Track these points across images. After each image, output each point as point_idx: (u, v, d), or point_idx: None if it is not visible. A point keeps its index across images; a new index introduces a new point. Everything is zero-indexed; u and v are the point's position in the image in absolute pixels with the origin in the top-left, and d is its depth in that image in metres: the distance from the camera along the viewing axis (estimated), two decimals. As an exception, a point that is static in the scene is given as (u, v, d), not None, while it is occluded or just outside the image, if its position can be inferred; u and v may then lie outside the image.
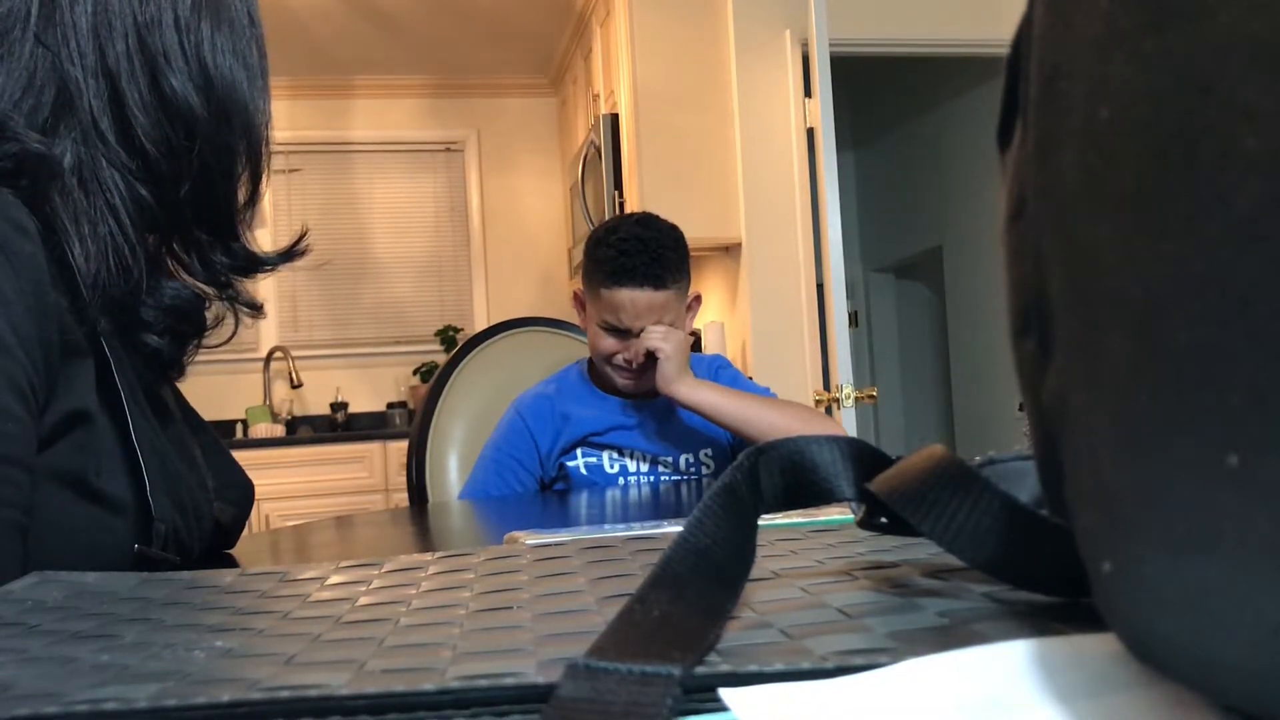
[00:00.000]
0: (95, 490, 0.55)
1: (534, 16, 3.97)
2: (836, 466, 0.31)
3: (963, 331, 4.36)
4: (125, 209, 0.60)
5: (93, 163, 0.60)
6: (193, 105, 0.63)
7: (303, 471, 3.74)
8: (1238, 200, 0.16)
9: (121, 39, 0.61)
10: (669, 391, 1.40)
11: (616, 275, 1.40)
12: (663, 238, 1.43)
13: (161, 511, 0.59)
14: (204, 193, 0.65)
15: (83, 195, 0.59)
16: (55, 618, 0.34)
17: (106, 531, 0.56)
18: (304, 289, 4.43)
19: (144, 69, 0.62)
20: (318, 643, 0.29)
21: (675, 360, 1.40)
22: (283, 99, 4.42)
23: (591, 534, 0.56)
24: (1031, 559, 0.28)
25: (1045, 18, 0.21)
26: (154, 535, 0.58)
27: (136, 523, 0.58)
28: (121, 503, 0.57)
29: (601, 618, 0.29)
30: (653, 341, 1.40)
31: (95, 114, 0.60)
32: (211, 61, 0.65)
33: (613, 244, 1.41)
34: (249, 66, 0.69)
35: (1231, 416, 0.16)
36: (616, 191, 3.27)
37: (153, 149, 0.62)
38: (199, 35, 0.65)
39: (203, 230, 0.67)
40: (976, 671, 0.22)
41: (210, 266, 0.68)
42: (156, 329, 0.63)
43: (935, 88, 4.29)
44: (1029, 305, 0.23)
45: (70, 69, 0.59)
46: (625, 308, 1.40)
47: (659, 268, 1.40)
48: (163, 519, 0.59)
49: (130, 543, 0.57)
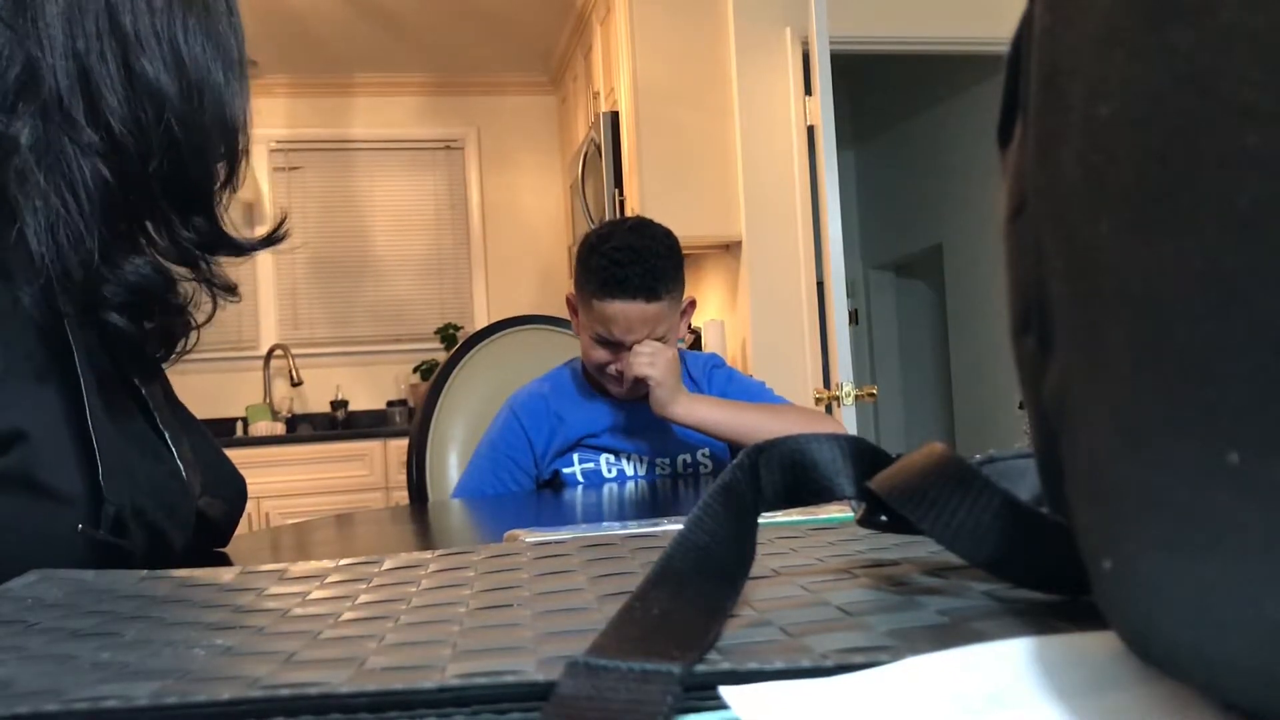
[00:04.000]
0: (39, 485, 0.55)
1: (534, 14, 3.97)
2: (836, 464, 0.31)
3: (963, 329, 4.36)
4: (84, 185, 0.60)
5: (54, 141, 0.59)
6: (163, 85, 0.63)
7: (303, 469, 3.75)
8: (1238, 198, 0.16)
9: (92, 20, 0.61)
10: (664, 415, 1.38)
11: (609, 287, 1.37)
12: (657, 246, 1.39)
13: (113, 495, 0.58)
14: (173, 170, 0.65)
15: (39, 171, 0.58)
16: (55, 615, 0.34)
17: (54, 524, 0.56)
18: (304, 287, 4.43)
19: (114, 50, 0.62)
20: (318, 640, 0.29)
21: (666, 384, 1.37)
22: (282, 97, 4.42)
23: (591, 532, 0.56)
24: (1032, 557, 0.28)
25: (1045, 16, 0.21)
26: (103, 518, 0.57)
27: (89, 511, 0.58)
28: (70, 494, 0.57)
29: (601, 615, 0.29)
30: (641, 369, 1.36)
31: (62, 93, 0.60)
32: (184, 44, 0.65)
33: (606, 253, 1.38)
34: (224, 51, 0.69)
35: (1232, 414, 0.16)
36: (617, 189, 3.27)
37: (120, 127, 0.62)
38: (171, 17, 0.65)
39: (172, 209, 0.67)
40: (977, 669, 0.22)
41: (179, 244, 0.68)
42: (117, 305, 0.63)
43: (936, 86, 4.29)
44: (1029, 303, 0.23)
45: (37, 51, 0.59)
46: (617, 321, 1.38)
47: (652, 279, 1.37)
48: (112, 502, 0.58)
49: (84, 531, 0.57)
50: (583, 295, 1.42)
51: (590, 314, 1.41)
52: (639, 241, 1.39)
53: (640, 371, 1.36)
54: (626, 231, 1.42)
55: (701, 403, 1.40)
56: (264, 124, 4.38)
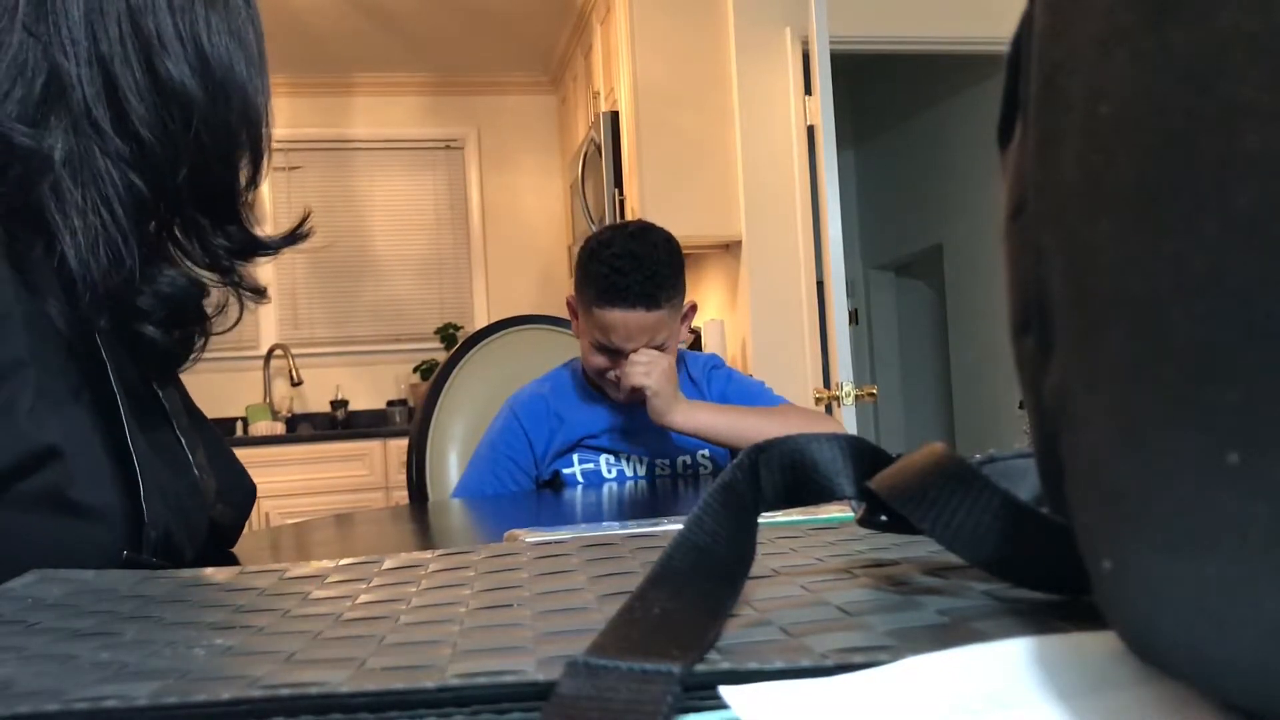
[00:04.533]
0: (72, 503, 0.54)
1: (534, 14, 3.97)
2: (837, 464, 0.31)
3: (963, 329, 4.36)
4: (119, 198, 0.59)
5: (86, 154, 0.58)
6: (189, 88, 0.62)
7: (303, 469, 3.75)
8: (1238, 199, 0.16)
9: (114, 24, 0.60)
10: (663, 423, 1.37)
11: (609, 294, 1.35)
12: (658, 253, 1.38)
13: (154, 517, 0.57)
14: (202, 177, 0.64)
15: (75, 187, 0.57)
16: (55, 615, 0.34)
17: (86, 543, 0.55)
18: (304, 286, 4.43)
19: (138, 54, 0.61)
20: (318, 640, 0.29)
21: (664, 393, 1.36)
22: (282, 97, 4.42)
23: (591, 532, 0.56)
24: (1032, 557, 0.28)
25: (1045, 15, 0.21)
26: (145, 540, 0.56)
27: (126, 530, 0.57)
28: (104, 511, 0.55)
29: (601, 615, 0.29)
30: (637, 379, 1.35)
31: (89, 102, 0.59)
32: (207, 42, 0.64)
33: (606, 260, 1.36)
34: (245, 45, 0.68)
35: (1232, 414, 0.16)
36: (617, 189, 3.27)
37: (149, 135, 0.60)
38: (193, 15, 0.63)
39: (203, 214, 0.66)
40: (977, 669, 0.22)
41: (211, 251, 0.67)
42: (154, 319, 0.62)
43: (936, 85, 4.29)
44: (1029, 303, 0.23)
45: (62, 59, 0.58)
46: (617, 329, 1.37)
47: (652, 287, 1.35)
48: (154, 524, 0.57)
49: (117, 551, 0.56)
50: (582, 301, 1.41)
51: (590, 320, 1.40)
52: (640, 248, 1.37)
53: (636, 381, 1.36)
54: (627, 237, 1.40)
55: (700, 410, 1.39)
56: (264, 124, 4.38)
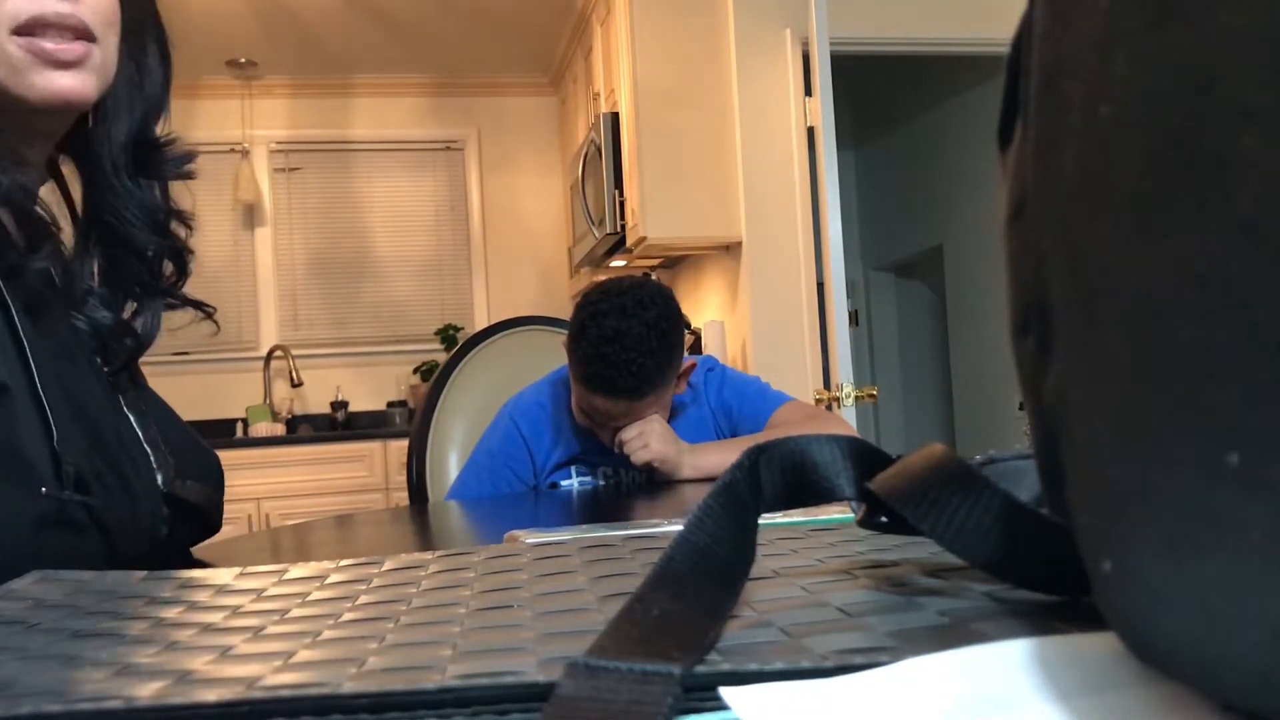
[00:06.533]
0: (13, 451, 0.57)
1: (534, 15, 3.97)
2: (837, 465, 0.31)
3: (963, 330, 4.35)
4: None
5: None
6: None
7: (303, 470, 3.74)
8: (1238, 199, 0.16)
9: None
10: (675, 479, 1.36)
11: (593, 381, 1.32)
12: (648, 338, 1.30)
13: (71, 456, 0.60)
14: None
15: None
16: (56, 615, 0.34)
17: (24, 487, 0.57)
18: (304, 287, 4.43)
19: None
20: (318, 641, 0.29)
21: (669, 458, 1.34)
22: (282, 97, 4.42)
23: (591, 533, 0.56)
24: (1032, 558, 0.28)
25: (1045, 17, 0.21)
26: (63, 476, 0.59)
27: (52, 472, 0.59)
28: (33, 456, 0.58)
29: (602, 616, 0.29)
30: (640, 458, 1.33)
31: None
32: None
33: (594, 340, 1.29)
34: None
35: (1232, 415, 0.16)
36: (617, 190, 3.27)
37: None
38: None
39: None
40: (977, 670, 0.22)
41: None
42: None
43: (936, 87, 4.29)
44: (1029, 304, 0.23)
45: None
46: (600, 410, 1.35)
47: (637, 381, 1.30)
48: (71, 460, 0.60)
49: (37, 487, 0.58)
50: (571, 362, 1.37)
51: (577, 383, 1.37)
52: (630, 328, 1.29)
53: (640, 461, 1.34)
54: (619, 313, 1.31)
55: (705, 454, 1.38)
56: (264, 125, 4.38)
